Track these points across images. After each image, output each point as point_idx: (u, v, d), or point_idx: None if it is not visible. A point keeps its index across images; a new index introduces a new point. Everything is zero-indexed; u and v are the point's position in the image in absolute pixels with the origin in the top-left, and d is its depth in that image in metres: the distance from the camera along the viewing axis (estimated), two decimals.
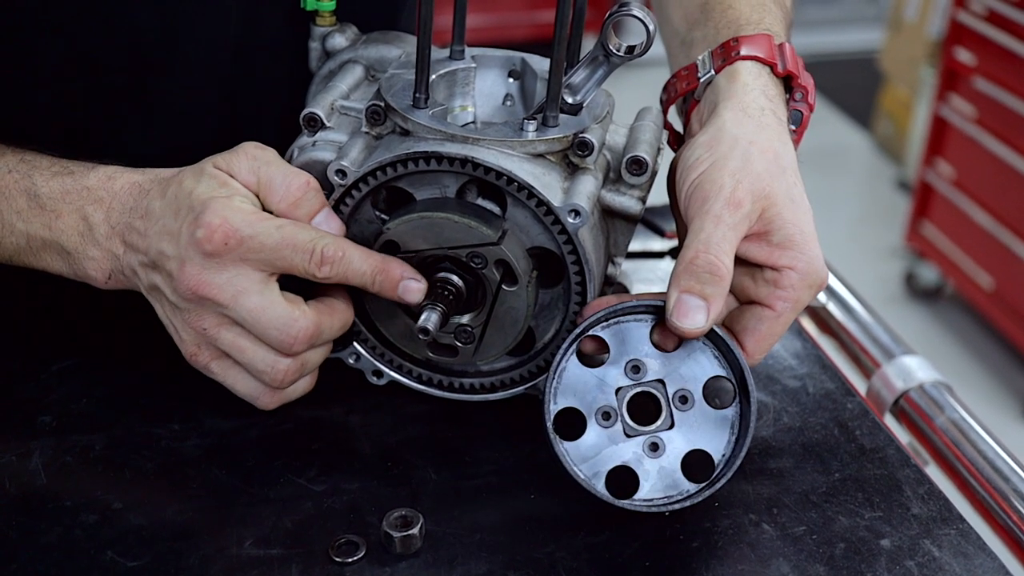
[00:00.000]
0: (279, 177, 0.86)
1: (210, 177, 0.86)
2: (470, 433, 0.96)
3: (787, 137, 0.92)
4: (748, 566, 0.83)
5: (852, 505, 0.90)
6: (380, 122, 0.90)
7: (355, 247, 0.87)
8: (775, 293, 0.87)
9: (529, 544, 0.84)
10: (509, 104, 1.00)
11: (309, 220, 0.87)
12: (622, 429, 0.86)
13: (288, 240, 0.84)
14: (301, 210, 0.87)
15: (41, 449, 0.91)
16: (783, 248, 0.87)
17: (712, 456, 0.86)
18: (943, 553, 0.86)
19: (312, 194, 0.87)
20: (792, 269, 0.87)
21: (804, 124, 0.96)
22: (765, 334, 0.88)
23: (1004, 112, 3.25)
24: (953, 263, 3.52)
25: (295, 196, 0.86)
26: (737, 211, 0.85)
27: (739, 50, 0.94)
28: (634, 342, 0.86)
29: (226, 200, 0.85)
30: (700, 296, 0.83)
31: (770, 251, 0.87)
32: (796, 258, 0.87)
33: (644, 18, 0.85)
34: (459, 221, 0.86)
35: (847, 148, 4.87)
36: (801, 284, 0.87)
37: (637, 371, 0.86)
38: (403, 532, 0.82)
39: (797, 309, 0.88)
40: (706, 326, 0.83)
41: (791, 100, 0.96)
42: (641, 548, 0.85)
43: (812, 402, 1.02)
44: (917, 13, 4.24)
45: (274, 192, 0.86)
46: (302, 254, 0.85)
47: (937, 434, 1.08)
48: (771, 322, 0.88)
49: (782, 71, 0.95)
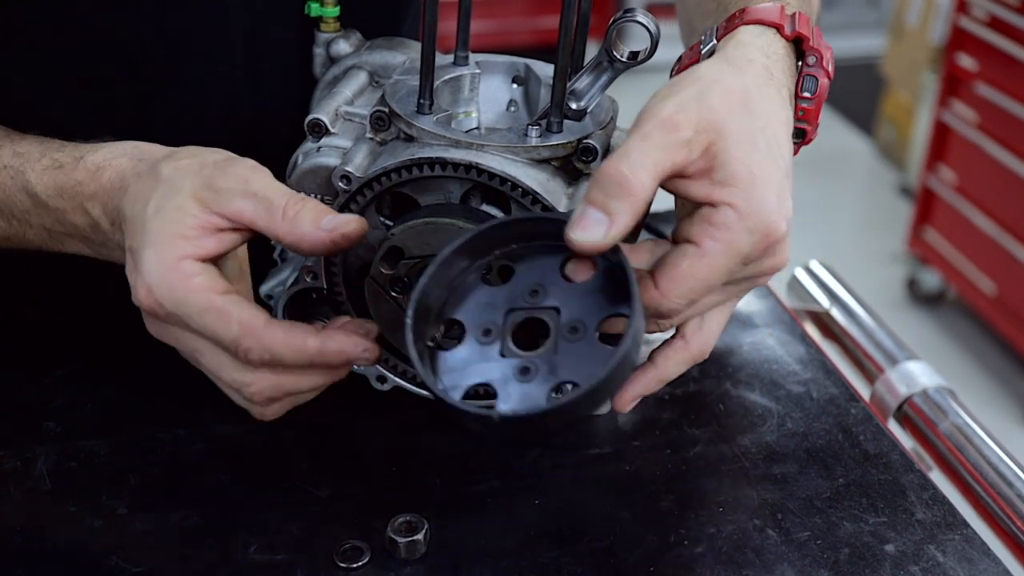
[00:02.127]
0: (277, 199, 0.78)
1: (175, 210, 0.77)
2: (474, 438, 0.96)
3: (776, 94, 0.83)
4: (752, 571, 0.84)
5: (856, 510, 0.90)
6: (384, 128, 0.90)
7: (284, 342, 0.77)
8: (705, 230, 0.76)
9: (533, 550, 0.84)
10: (513, 110, 1.00)
11: (317, 225, 0.79)
12: (499, 349, 0.79)
13: (209, 330, 0.77)
14: (304, 219, 0.79)
15: (46, 455, 0.92)
16: (724, 185, 0.76)
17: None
18: (947, 558, 0.86)
19: (312, 204, 0.79)
20: (729, 206, 0.76)
21: (821, 93, 0.87)
22: (684, 273, 0.76)
23: (1006, 117, 3.26)
24: (955, 268, 3.52)
25: (295, 209, 0.79)
26: (670, 133, 0.75)
27: (743, 17, 0.88)
28: (543, 267, 0.79)
29: (162, 257, 0.76)
30: (603, 209, 0.74)
31: (711, 188, 0.77)
32: (735, 195, 0.76)
33: (648, 24, 0.85)
34: (463, 227, 0.86)
35: (849, 153, 4.87)
36: (738, 225, 0.76)
37: (535, 295, 0.79)
38: (408, 537, 0.82)
39: (731, 254, 0.77)
40: (603, 242, 0.73)
41: (804, 65, 0.88)
42: (645, 554, 0.85)
43: (816, 407, 1.03)
44: (919, 19, 4.24)
45: (273, 212, 0.79)
46: (224, 345, 0.78)
47: (941, 439, 1.08)
48: (693, 260, 0.76)
49: (790, 33, 0.87)
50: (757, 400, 1.03)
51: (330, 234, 0.78)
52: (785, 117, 0.82)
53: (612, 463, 0.94)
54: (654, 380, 0.85)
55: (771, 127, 0.80)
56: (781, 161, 0.78)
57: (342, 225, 0.79)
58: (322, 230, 0.78)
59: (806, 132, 0.88)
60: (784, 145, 0.80)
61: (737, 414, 1.01)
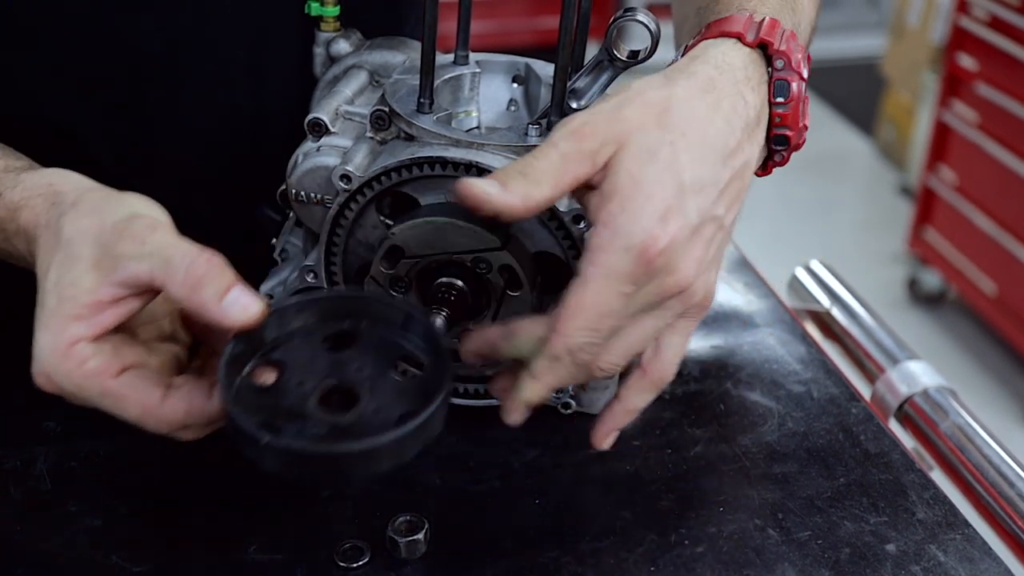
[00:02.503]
0: (177, 258, 0.75)
1: (70, 285, 0.76)
2: (475, 438, 0.96)
3: (712, 104, 0.79)
4: (753, 571, 0.83)
5: (857, 510, 0.90)
6: (385, 127, 0.90)
7: (186, 412, 0.77)
8: (585, 256, 0.74)
9: (534, 549, 0.84)
10: (513, 109, 1.00)
11: (219, 300, 0.75)
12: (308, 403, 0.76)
13: (112, 410, 0.77)
14: (208, 290, 0.74)
15: (46, 454, 0.92)
16: (605, 199, 0.74)
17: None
18: (948, 558, 0.86)
19: (216, 272, 0.75)
20: (604, 226, 0.74)
21: (795, 95, 0.83)
22: (572, 307, 0.74)
23: (1006, 117, 3.26)
24: (956, 269, 3.52)
25: (197, 277, 0.74)
26: (576, 142, 0.74)
27: (707, 32, 0.86)
28: (379, 351, 0.78)
29: (56, 343, 0.76)
30: (499, 180, 0.75)
31: (599, 202, 0.75)
32: (610, 211, 0.74)
33: (648, 23, 0.85)
34: (464, 226, 0.86)
35: (849, 154, 4.87)
36: (611, 245, 0.73)
37: (358, 371, 0.77)
38: (408, 537, 0.82)
39: (610, 276, 0.73)
40: (487, 198, 0.74)
41: (773, 70, 0.84)
42: (645, 553, 0.85)
43: (816, 407, 1.02)
44: (919, 19, 4.24)
45: (174, 276, 0.74)
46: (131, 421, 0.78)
47: (942, 439, 1.08)
48: (577, 291, 0.74)
49: (752, 40, 0.83)
50: (758, 400, 1.03)
51: (229, 319, 0.75)
52: (712, 131, 0.78)
53: (612, 463, 0.94)
54: (621, 413, 0.83)
55: (689, 138, 0.76)
56: (685, 174, 0.75)
57: (243, 313, 0.75)
58: (222, 309, 0.75)
59: (789, 138, 0.85)
60: (706, 157, 0.77)
61: (738, 414, 1.01)
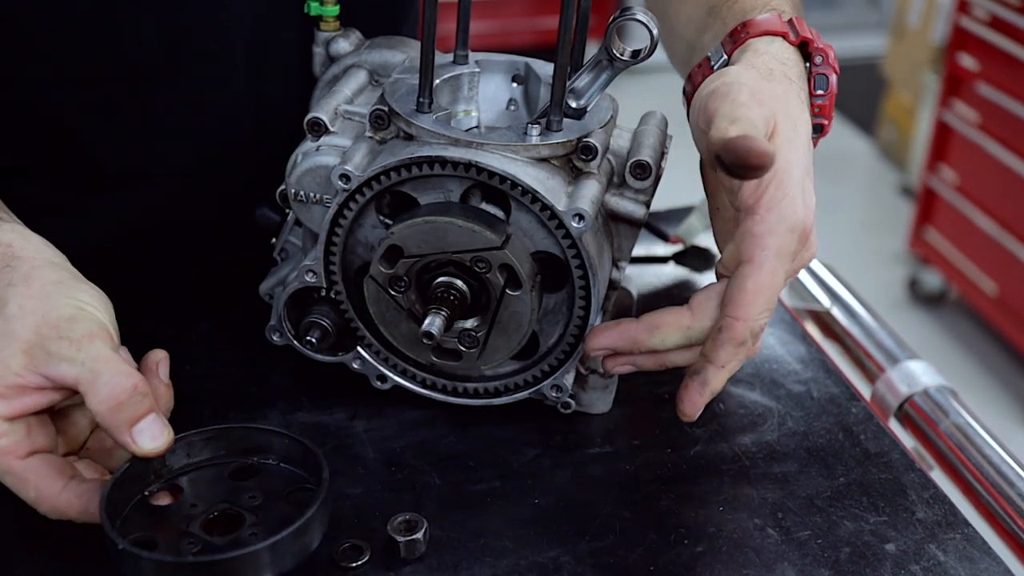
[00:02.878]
0: (106, 375, 0.78)
1: (6, 371, 0.78)
2: (474, 438, 0.96)
3: (796, 96, 0.89)
4: (753, 570, 0.83)
5: (857, 509, 0.90)
6: (384, 127, 0.90)
7: (79, 508, 0.79)
8: (755, 243, 0.82)
9: (533, 549, 0.84)
10: (513, 109, 1.00)
11: (130, 426, 0.78)
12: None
13: (12, 489, 0.80)
14: (123, 414, 0.78)
15: None
16: (763, 184, 0.82)
17: None
18: (948, 557, 0.85)
19: (137, 398, 0.78)
20: (769, 211, 0.82)
21: (832, 89, 0.94)
22: (752, 291, 0.82)
23: (1007, 117, 3.25)
24: (956, 269, 3.51)
25: (118, 399, 0.77)
26: (759, 108, 0.83)
27: (748, 31, 0.93)
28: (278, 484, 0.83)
29: None
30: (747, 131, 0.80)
31: (753, 186, 0.82)
32: (774, 199, 0.82)
33: (648, 23, 0.86)
34: (463, 225, 0.86)
35: (850, 154, 4.87)
36: (780, 227, 0.82)
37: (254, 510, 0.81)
38: (407, 537, 0.82)
39: (782, 255, 0.82)
40: None
41: (812, 65, 0.94)
42: (645, 552, 0.84)
43: (816, 407, 1.02)
44: (920, 19, 4.24)
45: (97, 391, 0.77)
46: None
47: (942, 439, 1.08)
48: (755, 276, 0.82)
49: (795, 39, 0.93)
50: (757, 399, 1.03)
51: (138, 447, 0.78)
52: (805, 118, 0.88)
53: (612, 462, 0.94)
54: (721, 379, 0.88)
55: (798, 126, 0.86)
56: (806, 159, 0.85)
57: (151, 443, 0.79)
58: (131, 437, 0.78)
59: (823, 127, 0.94)
60: (806, 143, 0.86)
61: (737, 413, 1.01)
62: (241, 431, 0.85)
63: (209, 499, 0.81)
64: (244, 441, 0.85)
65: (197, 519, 0.80)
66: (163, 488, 0.82)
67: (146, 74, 1.02)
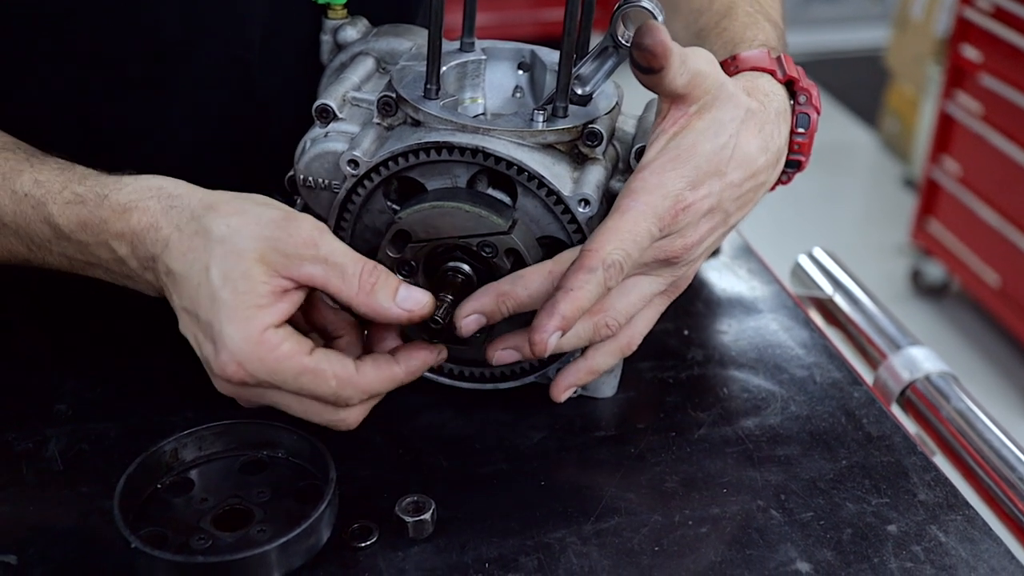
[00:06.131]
0: (350, 266, 0.81)
1: (243, 278, 0.79)
2: (480, 421, 0.97)
3: (767, 126, 0.89)
4: (756, 551, 0.84)
5: (859, 491, 0.91)
6: (391, 113, 0.91)
7: (379, 380, 0.84)
8: (626, 193, 0.84)
9: (540, 529, 0.85)
10: (519, 95, 1.01)
11: (393, 301, 0.82)
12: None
13: (306, 390, 0.82)
14: (381, 293, 0.82)
15: (57, 437, 0.93)
16: (663, 151, 0.86)
17: None
18: (949, 538, 0.86)
19: (384, 275, 0.83)
20: (653, 173, 0.85)
21: (813, 127, 0.95)
22: (610, 228, 0.84)
23: (1011, 109, 3.25)
24: (959, 260, 3.52)
25: (371, 283, 0.82)
26: (693, 71, 0.84)
27: (736, 66, 0.94)
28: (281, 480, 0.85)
29: (246, 332, 0.79)
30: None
31: (659, 145, 0.86)
32: (663, 165, 0.85)
33: (653, 9, 0.86)
34: (470, 210, 0.87)
35: (853, 146, 4.87)
36: (656, 190, 0.84)
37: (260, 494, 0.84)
38: (415, 517, 0.83)
39: (646, 213, 0.83)
40: None
41: (796, 104, 0.95)
42: (650, 533, 0.85)
43: (819, 391, 1.03)
44: (923, 11, 4.24)
45: (350, 283, 0.81)
46: (324, 399, 0.83)
47: (943, 424, 1.08)
48: (616, 217, 0.84)
49: (782, 77, 0.94)
50: (761, 384, 1.04)
51: (408, 313, 0.83)
52: (757, 147, 0.88)
53: (617, 445, 0.95)
54: (584, 371, 0.93)
55: (739, 141, 0.87)
56: (725, 165, 0.86)
57: (418, 307, 0.84)
58: (399, 307, 0.83)
59: (800, 163, 0.96)
60: (742, 164, 0.87)
61: (741, 397, 1.02)
62: (251, 426, 0.87)
63: (219, 493, 0.83)
64: (254, 436, 0.87)
65: (208, 514, 0.81)
66: (175, 481, 0.84)
67: (159, 54, 1.02)
